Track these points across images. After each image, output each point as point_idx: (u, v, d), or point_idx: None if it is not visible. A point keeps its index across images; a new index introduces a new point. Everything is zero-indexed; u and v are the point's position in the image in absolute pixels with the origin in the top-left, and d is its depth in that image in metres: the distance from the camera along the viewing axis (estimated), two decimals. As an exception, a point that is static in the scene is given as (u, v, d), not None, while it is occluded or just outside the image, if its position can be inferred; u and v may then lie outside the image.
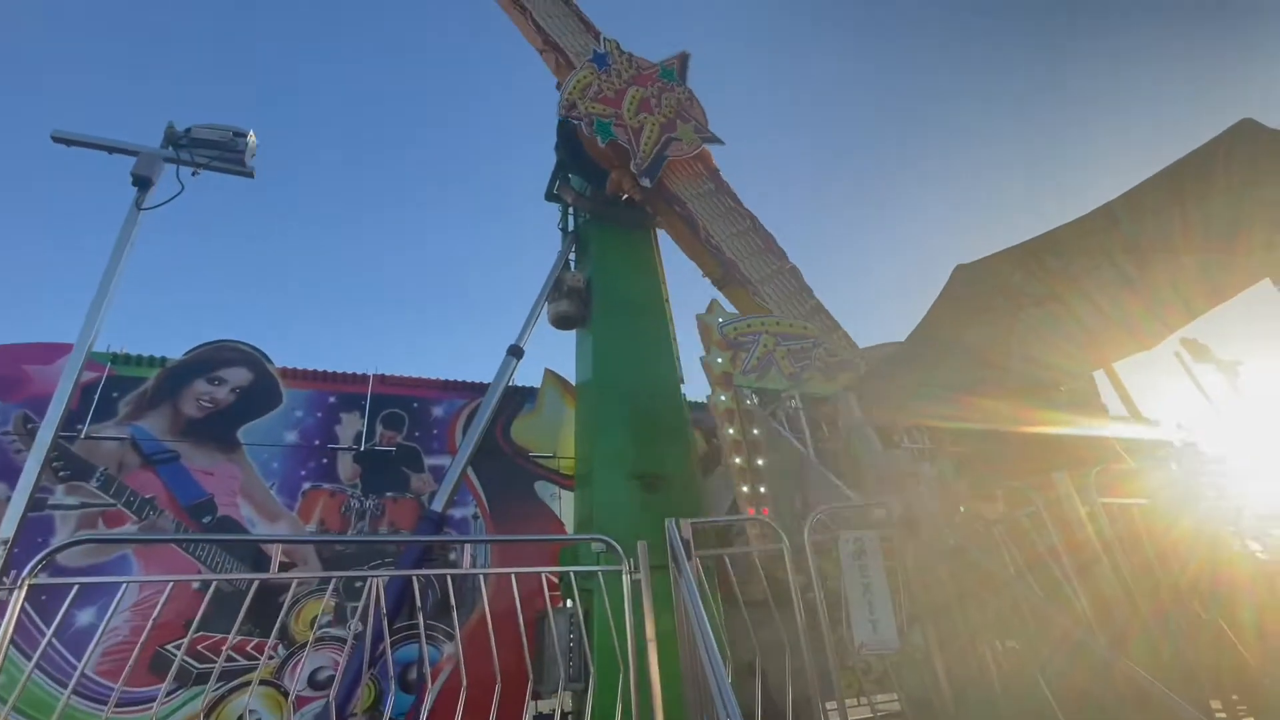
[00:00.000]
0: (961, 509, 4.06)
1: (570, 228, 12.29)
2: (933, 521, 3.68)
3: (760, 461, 6.94)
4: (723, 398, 7.71)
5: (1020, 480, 3.67)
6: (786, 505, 6.44)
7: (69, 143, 3.75)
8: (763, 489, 6.24)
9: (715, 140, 11.41)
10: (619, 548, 3.82)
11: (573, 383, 11.21)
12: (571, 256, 11.78)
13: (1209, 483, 3.70)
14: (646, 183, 10.41)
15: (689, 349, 10.26)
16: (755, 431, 7.26)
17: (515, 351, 10.08)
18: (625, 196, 10.92)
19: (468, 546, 8.18)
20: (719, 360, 8.11)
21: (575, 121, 10.51)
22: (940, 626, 3.55)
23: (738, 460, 7.04)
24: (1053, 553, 3.20)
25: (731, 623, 4.61)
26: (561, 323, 11.11)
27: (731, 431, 7.35)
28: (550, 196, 12.98)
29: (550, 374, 11.40)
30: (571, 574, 6.82)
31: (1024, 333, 5.02)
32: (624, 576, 3.74)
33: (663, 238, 12.04)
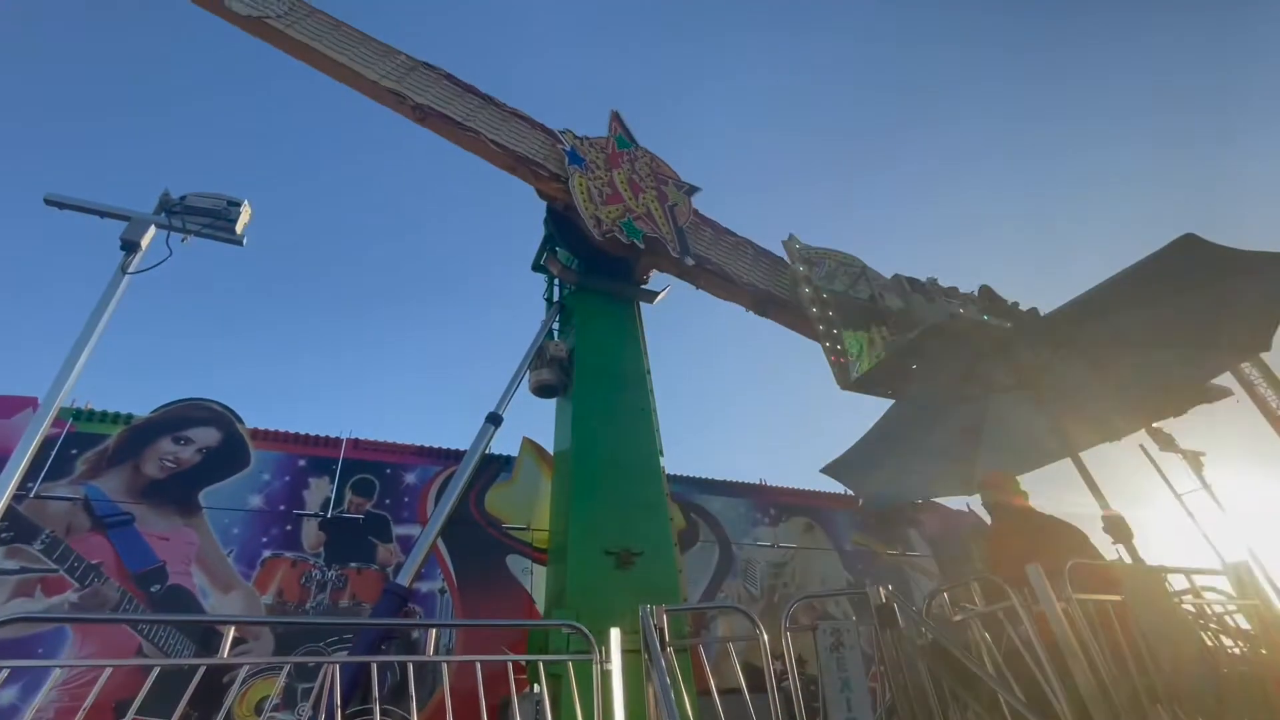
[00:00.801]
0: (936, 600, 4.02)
1: (555, 298, 12.51)
2: (909, 613, 3.62)
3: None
4: (801, 268, 10.37)
5: (996, 571, 3.66)
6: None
7: (62, 206, 3.79)
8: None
9: (695, 189, 12.19)
10: (590, 635, 3.68)
11: (550, 452, 11.08)
12: (555, 326, 11.92)
13: (1183, 577, 3.72)
14: (690, 261, 11.07)
15: (669, 422, 10.32)
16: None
17: (494, 419, 9.98)
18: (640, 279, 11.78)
19: (423, 629, 7.78)
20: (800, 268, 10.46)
21: (612, 233, 10.66)
22: (919, 725, 3.43)
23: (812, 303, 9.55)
24: (1030, 650, 3.15)
25: (704, 715, 4.39)
26: (542, 391, 11.10)
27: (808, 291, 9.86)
28: (537, 267, 13.27)
29: (528, 442, 11.27)
30: (555, 659, 6.51)
31: (995, 418, 5.14)
32: (594, 666, 3.58)
33: (647, 310, 12.30)
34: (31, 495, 7.79)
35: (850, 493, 10.91)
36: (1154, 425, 6.88)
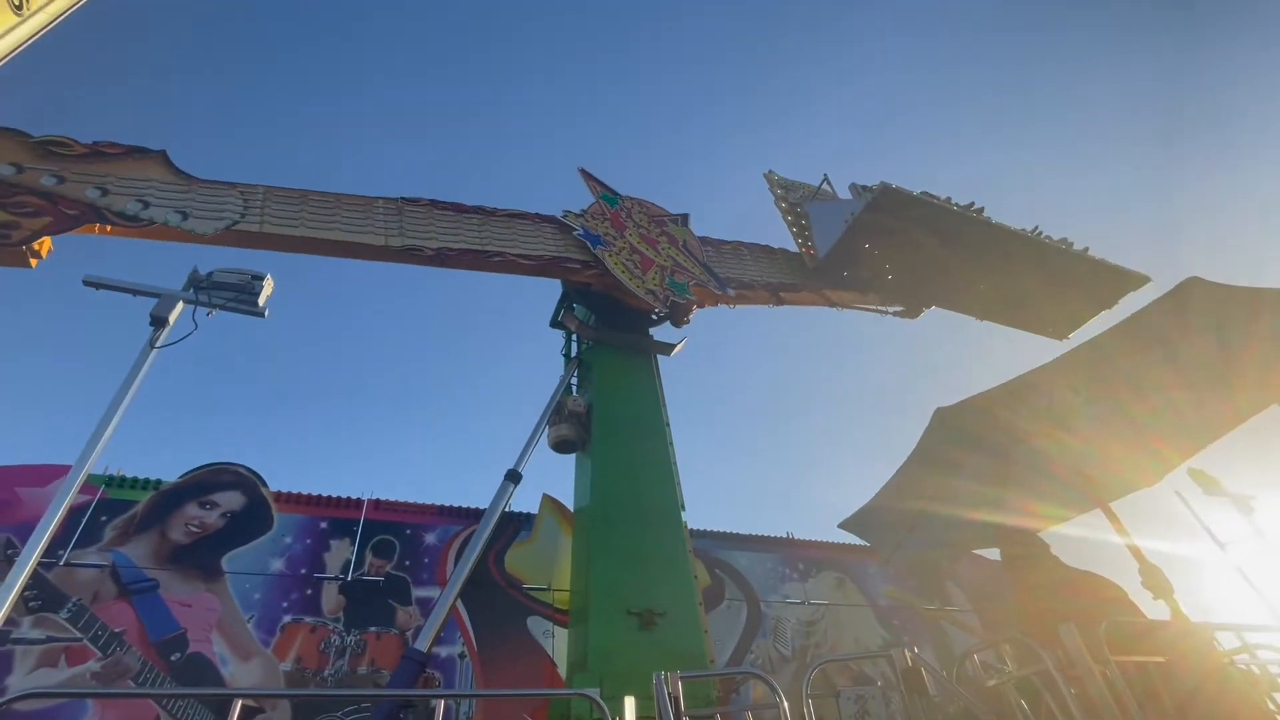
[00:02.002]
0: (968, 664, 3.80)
1: (573, 354, 12.65)
2: (938, 678, 3.43)
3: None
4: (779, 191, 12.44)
5: (1025, 630, 3.47)
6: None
7: (99, 287, 4.03)
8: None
9: (685, 216, 12.90)
10: (604, 705, 3.55)
11: (570, 508, 10.97)
12: (573, 382, 12.01)
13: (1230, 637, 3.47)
14: (732, 292, 11.79)
15: (690, 474, 10.17)
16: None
17: (513, 476, 9.96)
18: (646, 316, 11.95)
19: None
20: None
21: (670, 301, 11.20)
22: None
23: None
24: (1067, 716, 2.94)
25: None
26: (562, 446, 11.09)
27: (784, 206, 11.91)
28: (555, 324, 13.49)
29: (548, 499, 11.19)
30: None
31: (1021, 468, 4.98)
32: (609, 737, 3.44)
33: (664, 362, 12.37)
34: (61, 563, 7.92)
35: (878, 545, 10.53)
36: (1196, 468, 6.58)
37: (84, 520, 8.31)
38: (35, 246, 6.79)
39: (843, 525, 4.81)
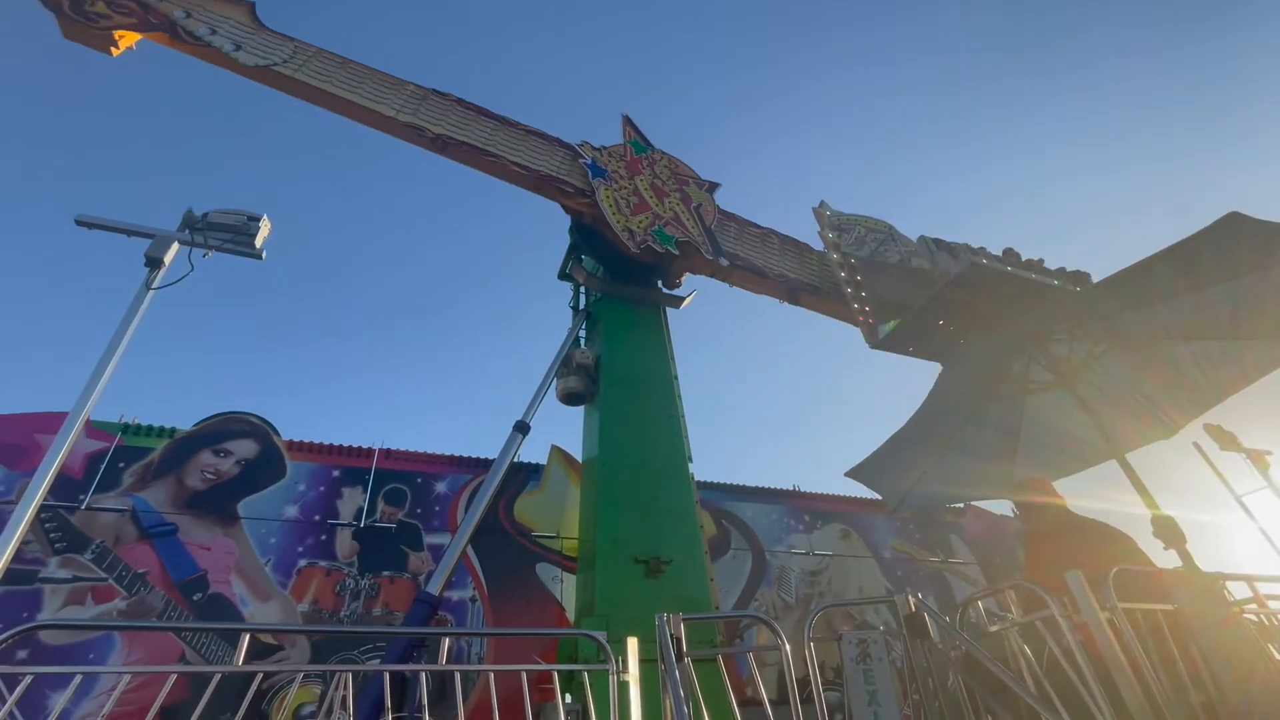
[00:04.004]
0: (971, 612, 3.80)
1: (581, 306, 12.53)
2: (941, 623, 3.43)
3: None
4: (830, 235, 10.42)
5: (1033, 579, 3.44)
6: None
7: (92, 226, 3.95)
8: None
9: (715, 185, 12.15)
10: (607, 645, 3.59)
11: (579, 459, 11.06)
12: (581, 334, 11.92)
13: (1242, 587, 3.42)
14: (724, 262, 11.18)
15: (697, 427, 10.17)
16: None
17: (521, 427, 10.01)
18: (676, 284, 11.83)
19: (455, 638, 7.78)
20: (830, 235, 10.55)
21: (648, 244, 10.88)
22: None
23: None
24: (1073, 663, 2.93)
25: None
26: (569, 399, 11.09)
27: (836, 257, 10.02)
28: (563, 276, 13.33)
29: (557, 450, 11.27)
30: (571, 669, 6.48)
31: (1034, 417, 4.88)
32: (610, 677, 3.49)
33: (673, 313, 12.22)
34: (83, 507, 8.13)
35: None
36: (1213, 424, 6.44)
37: (103, 466, 8.48)
38: (118, 37, 8.37)
39: (850, 474, 4.78)
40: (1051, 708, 2.96)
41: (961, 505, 13.24)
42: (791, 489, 13.06)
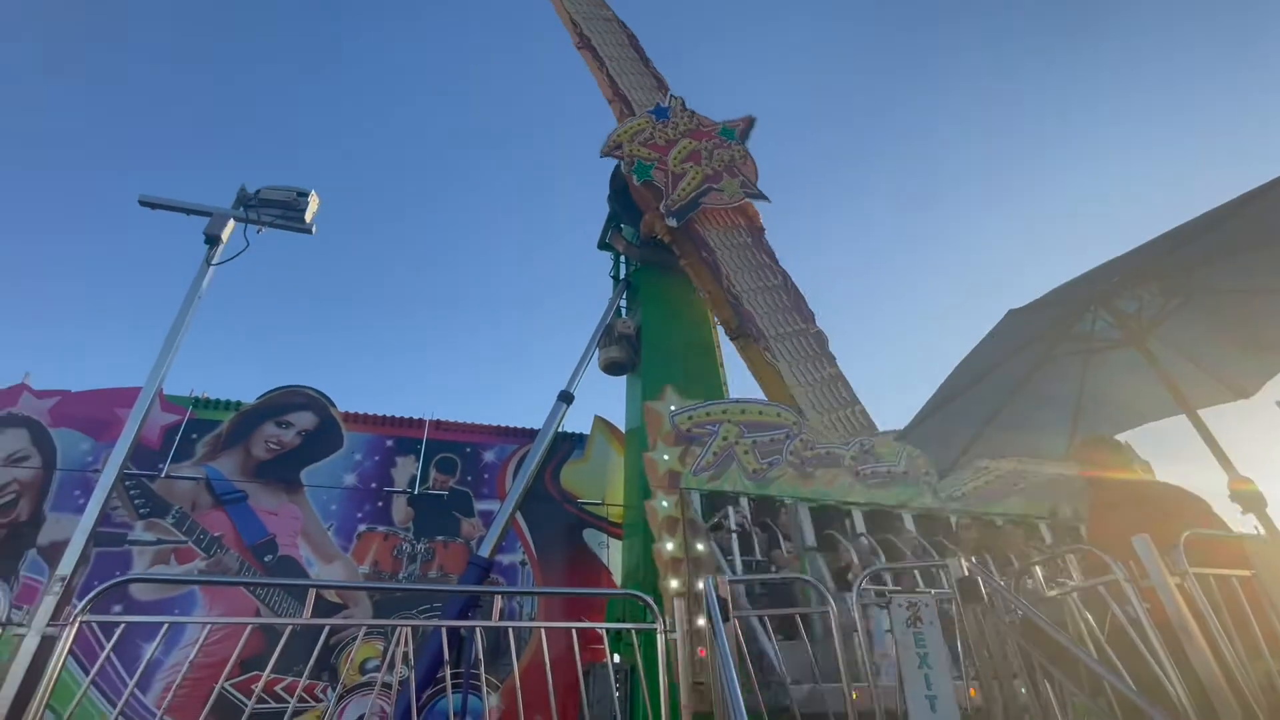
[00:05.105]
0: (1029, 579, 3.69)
1: (622, 275, 12.50)
2: (995, 587, 3.34)
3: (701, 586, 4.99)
4: (664, 503, 6.53)
5: (1095, 543, 3.30)
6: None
7: (154, 206, 4.12)
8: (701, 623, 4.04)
9: (760, 197, 11.31)
10: (654, 604, 3.66)
11: (622, 429, 11.16)
12: (622, 303, 11.92)
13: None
14: (673, 222, 10.53)
15: (740, 392, 10.05)
16: (699, 547, 6.06)
17: (565, 397, 10.16)
18: (656, 237, 11.07)
19: (505, 597, 8.09)
20: (665, 457, 7.02)
21: (617, 160, 11.02)
22: (1009, 712, 3.17)
23: (674, 584, 5.80)
24: (1139, 630, 2.82)
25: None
26: (612, 368, 11.17)
27: (671, 547, 6.06)
28: (603, 245, 13.30)
29: (600, 421, 11.39)
30: (620, 627, 6.68)
31: (1097, 374, 4.63)
32: (659, 636, 3.56)
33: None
34: (163, 475, 8.71)
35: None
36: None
37: (177, 438, 9.03)
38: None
39: (899, 437, 4.65)
40: (1114, 672, 2.86)
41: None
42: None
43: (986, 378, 4.15)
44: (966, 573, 3.40)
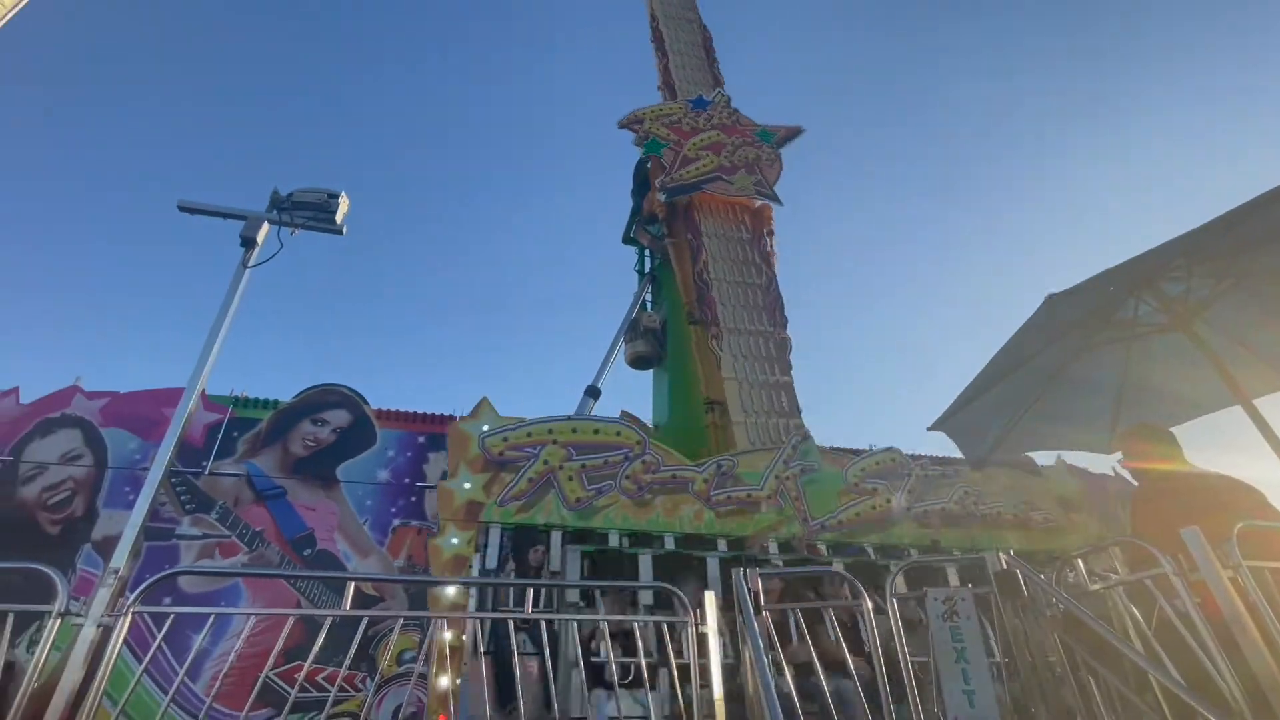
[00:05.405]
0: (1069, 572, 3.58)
1: (647, 269, 12.48)
2: (1035, 580, 3.26)
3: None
4: (454, 540, 5.32)
5: (1140, 535, 3.19)
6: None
7: (193, 211, 4.25)
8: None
9: (772, 198, 11.13)
10: (683, 597, 3.66)
11: (649, 424, 11.17)
12: (648, 297, 11.91)
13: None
14: (662, 197, 10.58)
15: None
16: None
17: (592, 392, 10.20)
18: (655, 216, 11.18)
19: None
20: (466, 486, 5.94)
21: (634, 135, 11.14)
22: (1051, 707, 3.08)
23: (449, 637, 4.59)
24: (1188, 625, 2.72)
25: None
26: (638, 363, 11.18)
27: (452, 593, 4.89)
28: (627, 240, 13.28)
29: (626, 415, 11.41)
30: (650, 620, 6.70)
31: (1140, 361, 4.47)
32: (688, 629, 3.57)
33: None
34: (206, 472, 9.01)
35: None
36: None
37: (219, 436, 9.33)
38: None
39: (933, 427, 4.56)
40: (1162, 668, 2.77)
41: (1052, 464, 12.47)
42: (865, 449, 12.69)
43: (1024, 366, 4.04)
44: (1005, 565, 3.32)
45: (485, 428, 6.49)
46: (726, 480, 6.92)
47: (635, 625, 4.00)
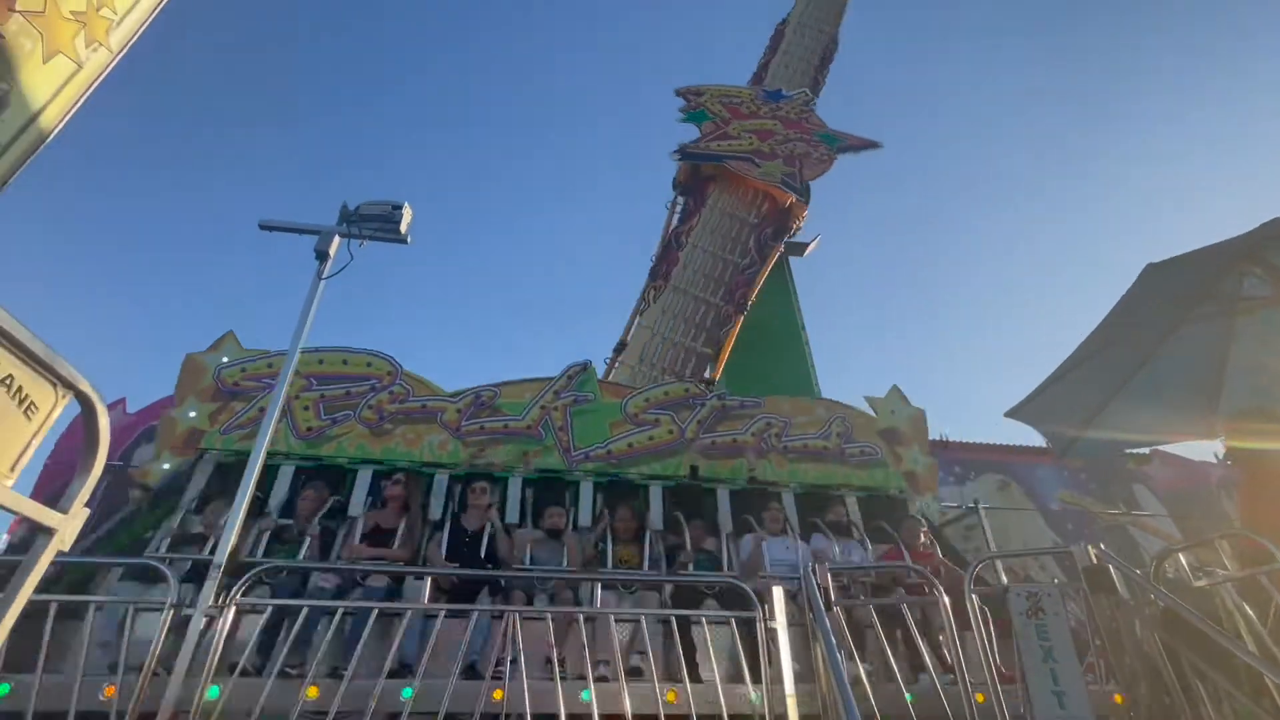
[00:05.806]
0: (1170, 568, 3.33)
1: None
2: (1132, 577, 3.04)
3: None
4: (165, 465, 5.41)
5: (1251, 527, 2.93)
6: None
7: (272, 229, 4.52)
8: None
9: (797, 192, 10.90)
10: (752, 592, 3.62)
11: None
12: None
13: None
14: (676, 157, 10.89)
15: (828, 379, 9.75)
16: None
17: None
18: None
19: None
20: (191, 414, 5.78)
21: (685, 99, 11.28)
22: (1153, 713, 2.88)
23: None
24: (1311, 624, 2.48)
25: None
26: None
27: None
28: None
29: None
30: (719, 615, 6.67)
31: (1247, 339, 4.10)
32: (758, 624, 3.52)
33: (797, 267, 11.72)
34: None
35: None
36: None
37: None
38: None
39: (1010, 414, 4.28)
40: (1281, 672, 2.55)
41: (1146, 451, 11.65)
42: (939, 439, 12.21)
43: (1114, 345, 3.77)
44: (1095, 560, 3.12)
45: (225, 359, 6.35)
46: (483, 410, 6.70)
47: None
